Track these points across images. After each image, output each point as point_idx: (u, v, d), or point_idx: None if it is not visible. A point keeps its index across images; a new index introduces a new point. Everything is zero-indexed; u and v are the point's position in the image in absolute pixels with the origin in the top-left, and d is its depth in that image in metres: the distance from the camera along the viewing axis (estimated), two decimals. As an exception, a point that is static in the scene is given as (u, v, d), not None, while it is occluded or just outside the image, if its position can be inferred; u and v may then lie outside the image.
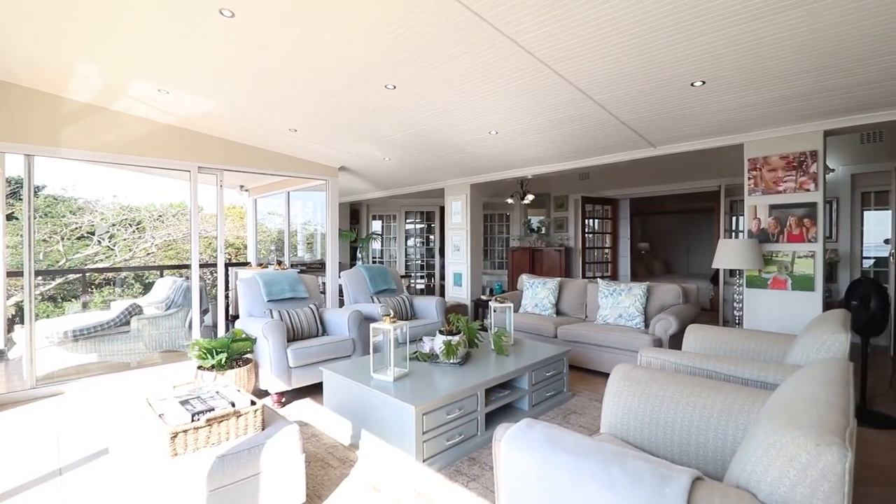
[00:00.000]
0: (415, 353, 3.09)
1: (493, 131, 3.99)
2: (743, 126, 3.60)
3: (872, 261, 5.57)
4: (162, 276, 6.31)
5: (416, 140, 4.34)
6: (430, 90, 3.07)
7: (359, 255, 8.33)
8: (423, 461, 2.30)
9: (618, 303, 4.14)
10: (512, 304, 3.66)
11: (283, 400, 3.36)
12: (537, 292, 4.87)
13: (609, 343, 3.84)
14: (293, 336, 3.60)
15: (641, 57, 2.50)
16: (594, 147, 4.46)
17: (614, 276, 7.87)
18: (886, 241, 5.34)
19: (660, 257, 10.54)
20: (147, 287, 6.83)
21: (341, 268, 5.55)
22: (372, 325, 2.72)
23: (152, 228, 9.33)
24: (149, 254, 9.27)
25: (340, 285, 4.90)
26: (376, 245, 9.46)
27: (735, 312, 3.47)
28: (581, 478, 1.03)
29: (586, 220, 7.61)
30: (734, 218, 6.41)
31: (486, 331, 3.71)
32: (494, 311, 3.78)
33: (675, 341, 3.57)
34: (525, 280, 5.14)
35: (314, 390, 3.49)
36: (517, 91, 3.04)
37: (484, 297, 6.41)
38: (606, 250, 7.96)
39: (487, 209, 8.96)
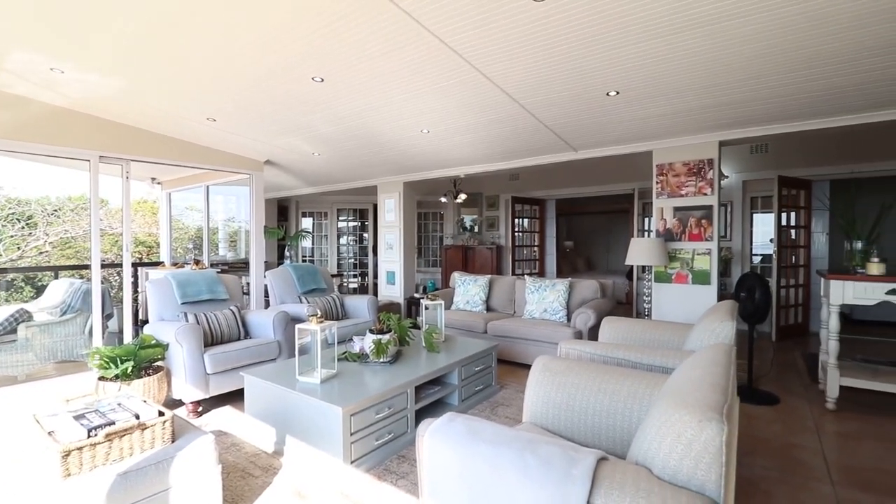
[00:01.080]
0: (344, 353, 3.03)
1: (424, 130, 4.01)
2: (652, 134, 3.93)
3: (760, 257, 6.34)
4: (57, 277, 5.62)
5: (346, 135, 4.25)
6: (360, 85, 3.01)
7: (287, 253, 7.98)
8: (352, 463, 2.26)
9: (543, 298, 4.34)
10: (443, 302, 3.70)
11: (200, 409, 3.14)
12: (469, 289, 4.97)
13: (535, 336, 4.02)
14: (212, 340, 3.38)
15: (563, 66, 2.64)
16: (522, 149, 4.63)
17: (542, 273, 8.25)
18: (771, 241, 6.10)
19: (583, 255, 11.20)
20: (39, 290, 6.06)
21: (268, 267, 5.30)
22: (298, 327, 2.63)
23: (46, 224, 8.27)
24: (42, 252, 8.22)
25: (266, 285, 4.66)
26: (307, 243, 9.12)
27: (645, 305, 3.79)
28: (500, 466, 1.08)
29: (516, 220, 7.89)
30: (646, 219, 6.97)
31: (419, 328, 3.72)
32: (426, 308, 3.81)
33: (594, 333, 3.82)
34: (457, 278, 5.23)
35: (235, 397, 3.29)
36: (447, 91, 3.08)
37: (417, 295, 6.42)
38: (535, 248, 8.31)
39: (422, 207, 8.99)
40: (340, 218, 9.32)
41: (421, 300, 3.75)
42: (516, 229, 7.90)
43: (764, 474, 2.34)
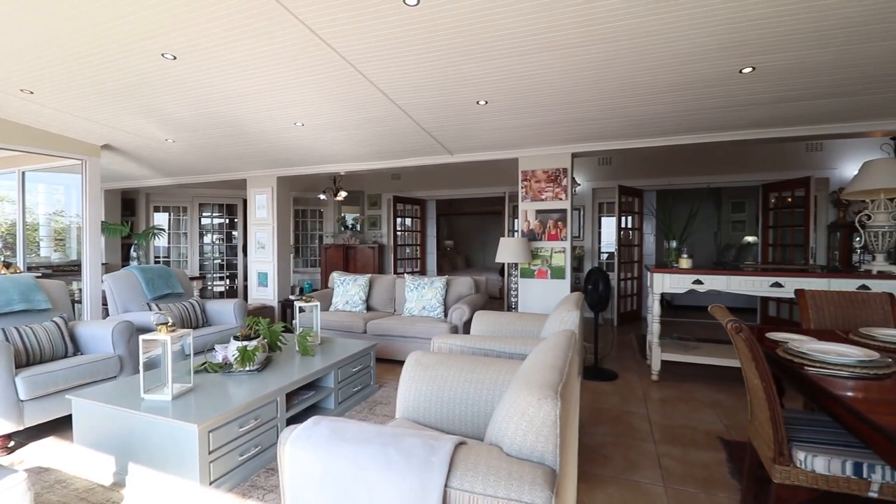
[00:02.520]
0: (203, 364, 2.74)
1: (299, 123, 3.82)
2: (518, 143, 4.30)
3: (607, 254, 7.34)
4: None
5: (209, 123, 3.84)
6: (224, 68, 2.75)
7: (134, 254, 6.91)
8: (211, 483, 2.07)
9: (422, 296, 4.46)
10: (319, 303, 3.58)
11: (11, 444, 2.57)
12: (348, 289, 4.87)
13: (414, 333, 4.12)
14: (27, 360, 2.79)
15: (436, 72, 2.74)
16: (401, 149, 4.69)
17: (423, 271, 8.45)
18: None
19: (462, 253, 11.76)
20: None
21: (109, 270, 4.54)
22: (141, 338, 2.30)
23: None
24: None
25: (105, 291, 4.00)
26: (161, 242, 8.00)
27: (512, 299, 4.14)
28: (362, 464, 1.09)
29: (398, 219, 7.96)
30: (514, 220, 7.59)
31: (292, 332, 3.54)
32: (301, 310, 3.64)
33: (469, 327, 4.05)
34: (336, 278, 5.09)
35: (63, 426, 2.77)
36: (323, 85, 2.98)
37: (293, 298, 6.08)
38: (416, 247, 8.48)
39: (299, 204, 8.54)
40: (204, 214, 8.38)
41: (296, 302, 3.57)
42: (398, 228, 7.97)
43: (604, 440, 2.72)
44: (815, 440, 1.61)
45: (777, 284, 3.39)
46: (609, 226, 7.18)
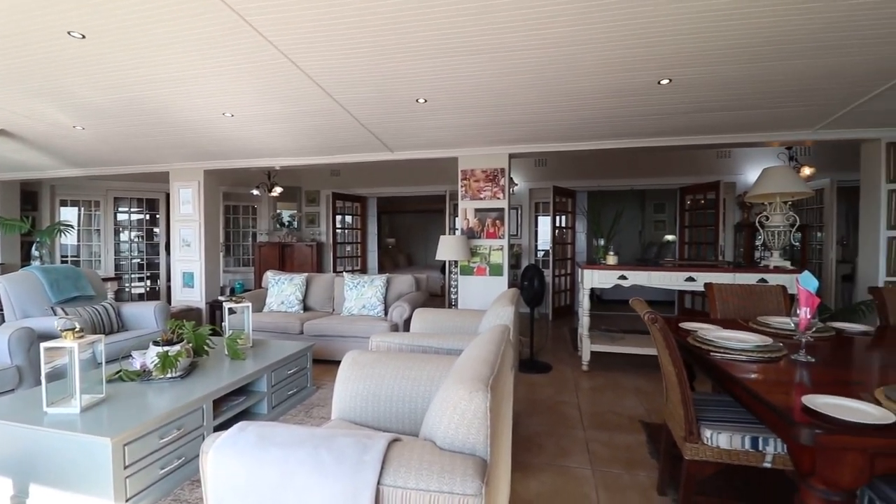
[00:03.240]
0: (118, 372, 2.52)
1: (228, 113, 3.61)
2: (457, 142, 4.35)
3: (543, 252, 7.64)
4: None
5: (125, 109, 3.52)
6: (141, 50, 2.52)
7: (36, 252, 6.19)
8: (127, 500, 1.91)
9: (362, 294, 4.39)
10: (252, 304, 3.41)
11: None
12: (284, 289, 4.69)
13: (353, 333, 4.05)
14: None
15: (371, 67, 2.70)
16: (340, 145, 4.59)
17: (364, 270, 8.32)
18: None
19: (404, 251, 11.72)
20: None
21: (6, 270, 4.03)
22: (43, 346, 2.07)
23: None
24: None
25: (-3, 295, 3.55)
26: (69, 240, 7.22)
27: (452, 296, 4.20)
28: (291, 468, 1.05)
29: (338, 216, 7.77)
30: (455, 218, 7.69)
31: (221, 335, 3.35)
32: (231, 312, 3.45)
33: (409, 325, 4.05)
34: (270, 277, 4.88)
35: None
36: (251, 74, 2.83)
37: (222, 299, 5.74)
38: (357, 245, 8.32)
39: (230, 200, 8.08)
40: (120, 209, 7.69)
41: (225, 303, 3.38)
42: (338, 226, 7.78)
43: (539, 430, 2.84)
44: (719, 419, 1.78)
45: (690, 279, 3.72)
46: (545, 225, 7.47)
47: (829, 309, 4.63)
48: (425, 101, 3.25)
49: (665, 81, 2.87)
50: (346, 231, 8.13)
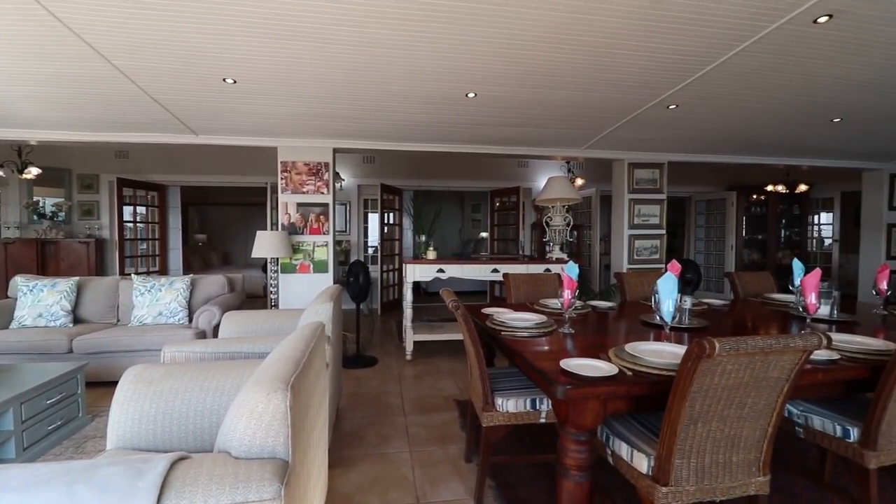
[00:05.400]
0: None
1: (-62, 64, 2.66)
2: (277, 132, 4.08)
3: (374, 248, 7.73)
4: None
5: None
6: None
7: None
8: None
9: (157, 300, 3.76)
10: (-15, 319, 2.60)
11: None
12: (42, 298, 3.70)
13: (146, 346, 3.44)
14: None
15: (168, 34, 2.33)
16: (124, 121, 3.83)
17: (164, 271, 7.13)
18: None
19: (219, 249, 10.46)
20: None
21: None
22: None
23: None
24: None
25: None
26: None
27: (272, 296, 3.93)
28: (32, 515, 0.86)
29: (126, 207, 6.46)
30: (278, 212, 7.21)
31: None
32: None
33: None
34: (20, 283, 3.79)
35: None
36: (-21, 18, 2.15)
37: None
38: (154, 242, 7.07)
39: (-50, 181, 5.97)
40: None
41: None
42: (126, 219, 6.48)
43: (362, 422, 2.89)
44: (509, 388, 2.10)
45: (495, 270, 4.25)
46: (374, 221, 7.58)
47: (593, 291, 5.86)
48: (234, 81, 2.95)
49: (472, 95, 3.21)
50: (140, 226, 6.83)
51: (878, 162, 5.66)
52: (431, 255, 4.28)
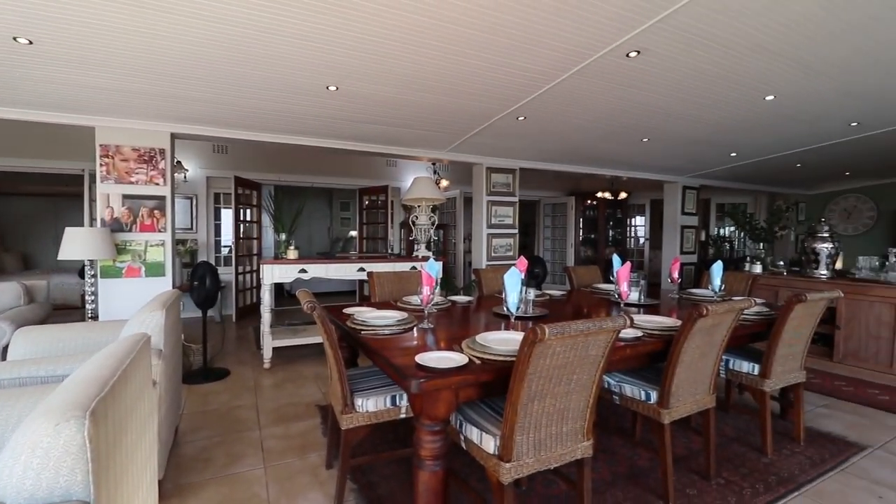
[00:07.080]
0: None
1: None
2: (94, 108, 3.41)
3: (228, 247, 6.97)
4: None
5: None
6: None
7: None
8: None
9: None
10: None
11: None
12: None
13: None
14: None
15: None
16: None
17: (-75, 279, 5.42)
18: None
19: (16, 249, 8.39)
20: None
21: None
22: None
23: None
24: None
25: None
26: None
27: (88, 306, 3.27)
28: None
29: None
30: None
31: None
32: None
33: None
34: None
35: None
36: None
37: None
38: None
39: None
40: None
41: None
42: None
43: (208, 444, 2.58)
44: (369, 387, 2.07)
45: (361, 269, 4.19)
46: (228, 218, 6.86)
47: (457, 286, 6.17)
48: (30, 42, 2.38)
49: (333, 88, 3.10)
50: None
51: (674, 175, 7.04)
52: (293, 254, 4.03)
